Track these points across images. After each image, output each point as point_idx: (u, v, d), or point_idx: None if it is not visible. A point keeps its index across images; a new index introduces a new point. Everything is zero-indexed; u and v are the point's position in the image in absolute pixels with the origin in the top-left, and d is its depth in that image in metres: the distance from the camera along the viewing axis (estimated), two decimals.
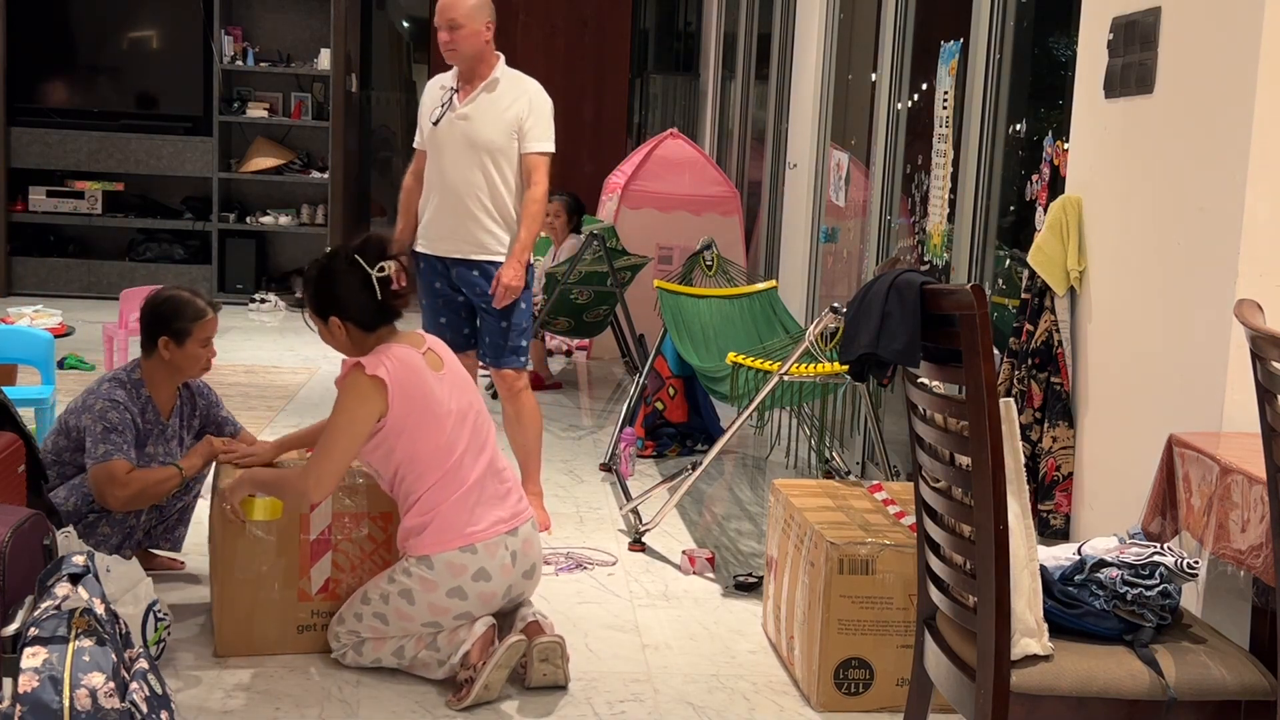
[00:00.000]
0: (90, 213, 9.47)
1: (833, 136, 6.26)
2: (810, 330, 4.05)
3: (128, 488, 3.38)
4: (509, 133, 4.27)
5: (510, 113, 4.28)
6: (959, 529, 2.22)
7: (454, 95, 4.35)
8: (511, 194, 4.32)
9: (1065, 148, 3.44)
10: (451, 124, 4.32)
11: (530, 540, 3.25)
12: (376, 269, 3.18)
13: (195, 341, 3.56)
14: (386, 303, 3.21)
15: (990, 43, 4.05)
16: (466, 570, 3.11)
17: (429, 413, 3.15)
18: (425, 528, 3.14)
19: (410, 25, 15.29)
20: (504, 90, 4.31)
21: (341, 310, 3.21)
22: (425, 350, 3.26)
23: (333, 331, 3.25)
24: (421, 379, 3.18)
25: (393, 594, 3.15)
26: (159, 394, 3.60)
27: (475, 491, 3.17)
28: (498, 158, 4.28)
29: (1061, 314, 3.27)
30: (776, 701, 3.20)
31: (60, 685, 2.31)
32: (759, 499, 5.03)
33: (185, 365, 3.58)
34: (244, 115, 9.62)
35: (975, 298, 2.07)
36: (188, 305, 3.58)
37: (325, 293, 3.22)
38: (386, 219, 12.41)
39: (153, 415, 3.58)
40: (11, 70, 9.33)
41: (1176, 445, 2.45)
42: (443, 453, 3.16)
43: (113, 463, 3.38)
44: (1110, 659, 2.17)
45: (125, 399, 3.49)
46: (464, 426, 3.21)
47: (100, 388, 3.52)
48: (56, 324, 6.57)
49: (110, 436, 3.41)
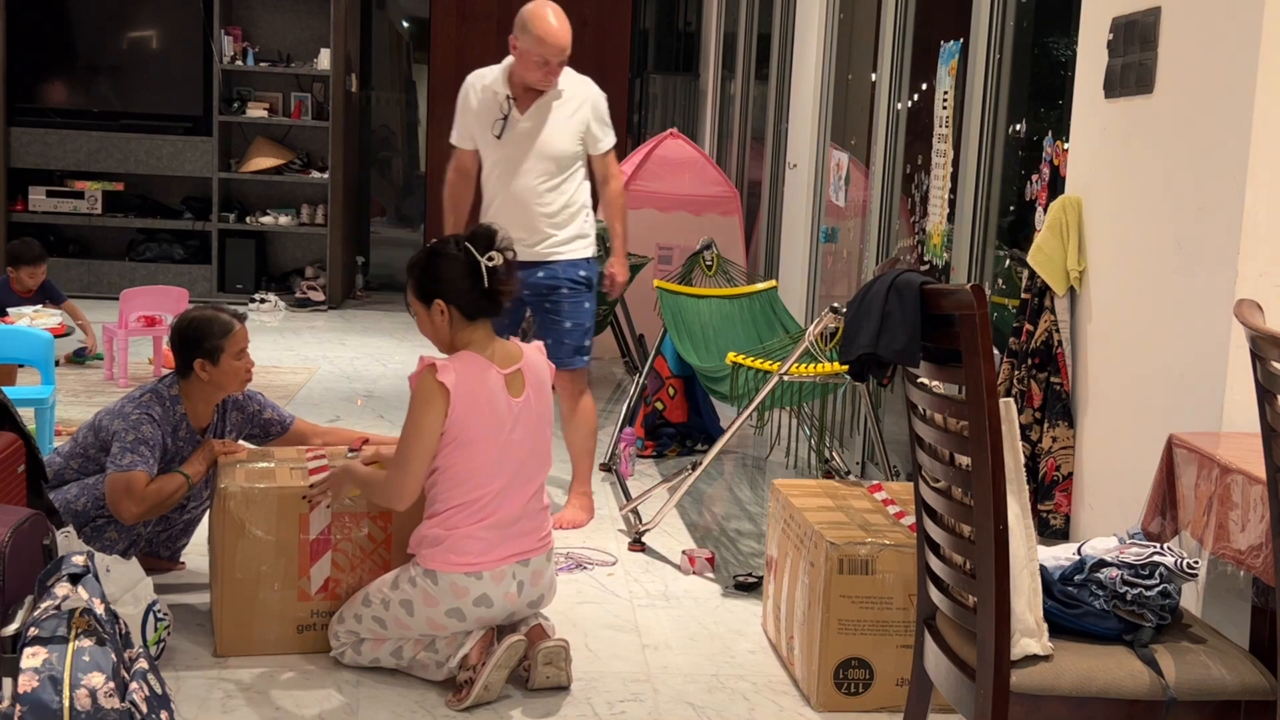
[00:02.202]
0: (90, 213, 9.47)
1: (833, 136, 6.25)
2: (810, 330, 4.05)
3: (143, 503, 3.39)
4: (576, 139, 4.35)
5: (576, 119, 4.34)
6: (959, 529, 2.22)
7: (512, 105, 4.36)
8: (574, 191, 4.40)
9: (1065, 148, 3.44)
10: (516, 135, 4.36)
11: (541, 572, 3.20)
12: (486, 257, 3.15)
13: (229, 356, 3.56)
14: (492, 291, 3.17)
15: (990, 43, 4.05)
16: (469, 594, 3.09)
17: (482, 434, 3.09)
18: (440, 542, 3.10)
19: (410, 25, 15.27)
20: (567, 98, 4.35)
21: (446, 293, 3.15)
22: (514, 370, 3.18)
23: (434, 317, 3.18)
24: (488, 399, 3.11)
25: (394, 601, 3.14)
26: (195, 410, 3.61)
27: (501, 526, 3.12)
28: (565, 163, 4.35)
29: (1061, 314, 3.27)
30: (776, 701, 3.20)
31: (60, 685, 2.31)
32: (759, 499, 5.03)
33: (225, 381, 3.58)
34: (244, 115, 9.62)
35: (975, 298, 2.07)
36: (213, 322, 3.58)
37: (432, 275, 3.17)
38: (386, 219, 12.45)
39: (186, 433, 3.58)
40: (11, 70, 9.33)
41: (1176, 445, 2.45)
42: (481, 478, 3.10)
43: (134, 474, 3.38)
44: (1110, 659, 2.17)
45: (161, 416, 3.51)
46: (513, 460, 3.13)
47: (141, 398, 3.54)
48: (56, 324, 6.58)
49: (139, 448, 3.41)
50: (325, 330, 8.74)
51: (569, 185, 4.38)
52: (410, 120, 15.54)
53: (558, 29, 4.27)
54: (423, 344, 8.46)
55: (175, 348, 3.59)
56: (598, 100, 4.42)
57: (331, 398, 6.47)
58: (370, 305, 10.23)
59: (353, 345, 8.17)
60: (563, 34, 4.28)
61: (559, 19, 4.30)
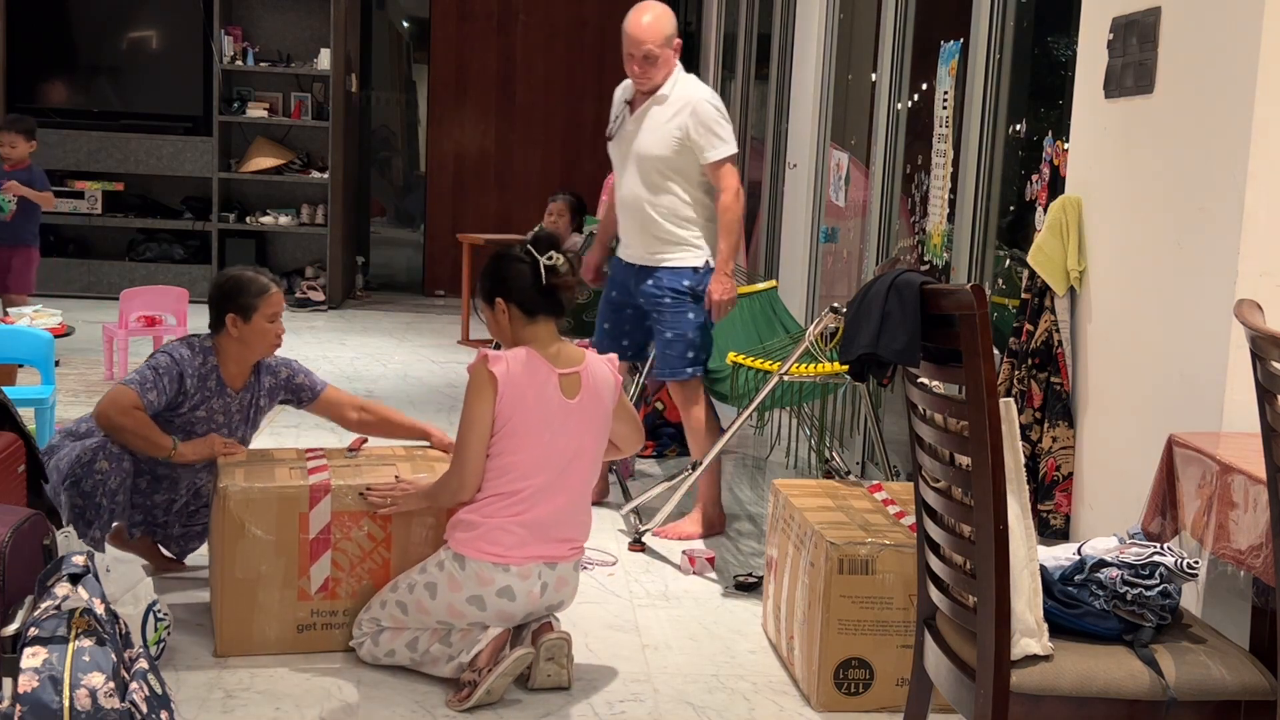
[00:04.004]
0: (90, 213, 9.47)
1: (833, 136, 6.25)
2: (810, 330, 4.05)
3: (124, 416, 3.45)
4: (670, 144, 4.31)
5: (672, 124, 4.31)
6: (959, 529, 2.22)
7: (627, 109, 4.43)
8: (683, 201, 4.37)
9: (1065, 148, 3.44)
10: (622, 138, 4.43)
11: (566, 580, 3.23)
12: (545, 256, 3.21)
13: (262, 316, 3.62)
14: (551, 289, 3.22)
15: (990, 43, 4.05)
16: (494, 583, 3.11)
17: (527, 428, 3.13)
18: (474, 528, 3.14)
19: (410, 25, 15.27)
20: (670, 103, 4.35)
21: (507, 292, 3.23)
22: (573, 371, 3.21)
23: (497, 316, 3.27)
24: (537, 393, 3.15)
25: (419, 584, 3.18)
26: (228, 368, 3.66)
27: (536, 525, 3.14)
28: (662, 168, 4.34)
29: (1061, 314, 3.27)
30: (776, 701, 3.20)
31: (60, 685, 2.31)
32: (759, 499, 5.03)
33: (254, 341, 3.64)
34: (244, 115, 9.62)
35: (975, 298, 2.07)
36: (252, 282, 3.66)
37: (495, 276, 3.26)
38: (386, 219, 12.44)
39: (215, 384, 3.63)
40: (11, 70, 9.33)
41: (1176, 445, 2.45)
42: (523, 470, 3.14)
43: (129, 390, 3.47)
44: (1110, 659, 2.17)
45: (187, 357, 3.58)
46: (557, 459, 3.16)
47: (170, 343, 3.65)
48: (56, 324, 6.55)
49: (147, 374, 3.51)
50: (325, 330, 8.73)
51: (675, 191, 4.35)
52: (410, 120, 15.54)
53: (637, 23, 4.29)
54: (423, 344, 8.46)
55: (212, 301, 3.65)
56: (699, 106, 4.30)
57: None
58: (370, 305, 10.23)
59: (353, 345, 8.17)
60: (641, 28, 4.28)
61: (649, 13, 4.32)
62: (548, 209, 7.46)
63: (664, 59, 4.30)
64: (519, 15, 10.74)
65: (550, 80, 10.83)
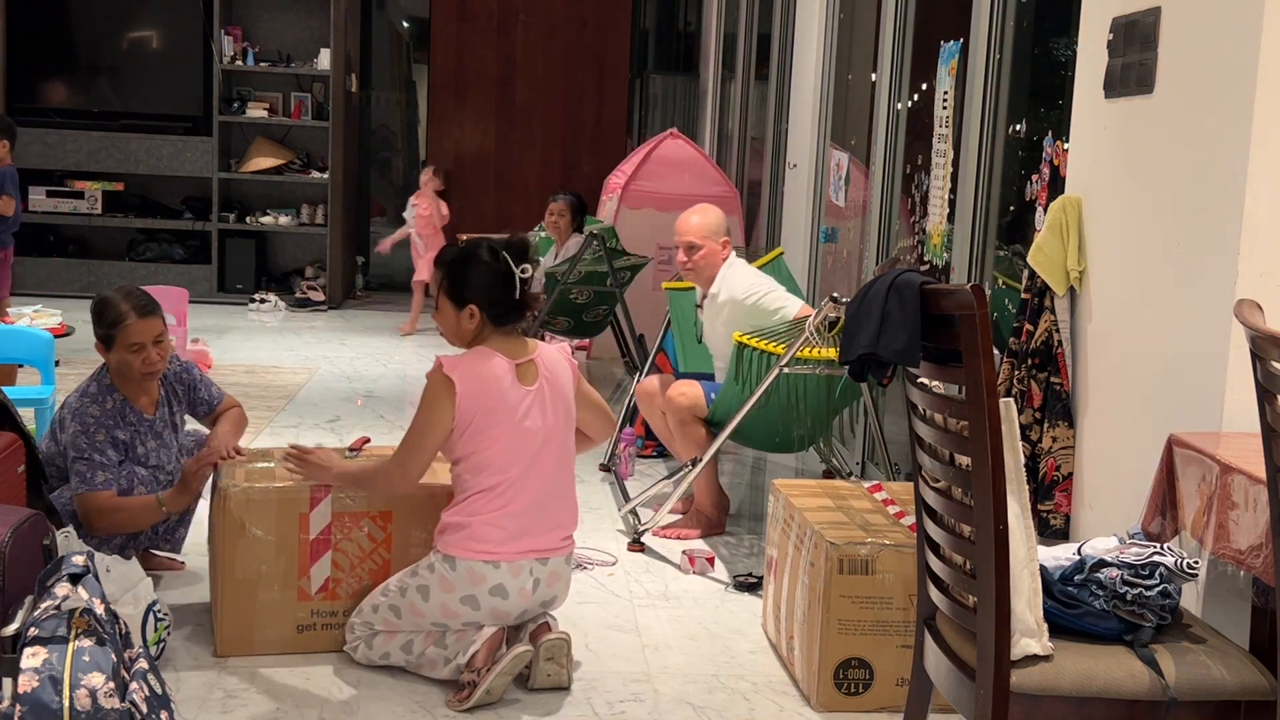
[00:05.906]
0: (90, 213, 9.47)
1: (833, 136, 6.25)
2: (811, 321, 4.04)
3: (112, 519, 3.38)
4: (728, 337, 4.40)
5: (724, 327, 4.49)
6: (959, 529, 2.22)
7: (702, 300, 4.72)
8: None
9: (1065, 148, 3.44)
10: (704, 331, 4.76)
11: (558, 574, 3.24)
12: (520, 268, 3.21)
13: (121, 348, 3.41)
14: (522, 302, 3.23)
15: (990, 43, 4.05)
16: (485, 582, 3.12)
17: (492, 420, 3.14)
18: (462, 528, 3.14)
19: (410, 25, 15.27)
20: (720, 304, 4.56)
21: (480, 300, 3.22)
22: (527, 360, 3.23)
23: (463, 320, 3.23)
24: (496, 387, 3.15)
25: (411, 587, 3.17)
26: (133, 393, 3.51)
27: (521, 515, 3.15)
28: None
29: (1061, 314, 3.27)
30: (776, 701, 3.20)
31: (60, 685, 2.31)
32: (759, 499, 5.03)
33: (123, 370, 3.45)
34: (244, 115, 9.63)
35: (975, 298, 2.07)
36: (109, 309, 3.42)
37: (469, 279, 3.22)
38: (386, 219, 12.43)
39: (134, 416, 3.51)
40: (11, 70, 9.33)
41: (1176, 445, 2.44)
42: (499, 464, 3.14)
43: (96, 495, 3.36)
44: (1110, 659, 2.17)
45: (99, 415, 3.42)
46: (529, 446, 3.17)
47: (76, 404, 3.44)
48: (56, 324, 6.56)
49: (91, 464, 3.35)
50: (325, 330, 8.73)
51: None
52: (410, 120, 15.53)
53: (683, 215, 4.64)
54: (422, 344, 8.46)
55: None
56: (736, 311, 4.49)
57: (331, 398, 6.47)
58: (370, 305, 10.23)
59: (353, 345, 8.17)
60: (682, 221, 4.60)
61: (696, 212, 4.64)
62: (548, 209, 7.46)
63: (710, 253, 4.56)
64: (519, 15, 10.74)
65: (550, 80, 10.82)
